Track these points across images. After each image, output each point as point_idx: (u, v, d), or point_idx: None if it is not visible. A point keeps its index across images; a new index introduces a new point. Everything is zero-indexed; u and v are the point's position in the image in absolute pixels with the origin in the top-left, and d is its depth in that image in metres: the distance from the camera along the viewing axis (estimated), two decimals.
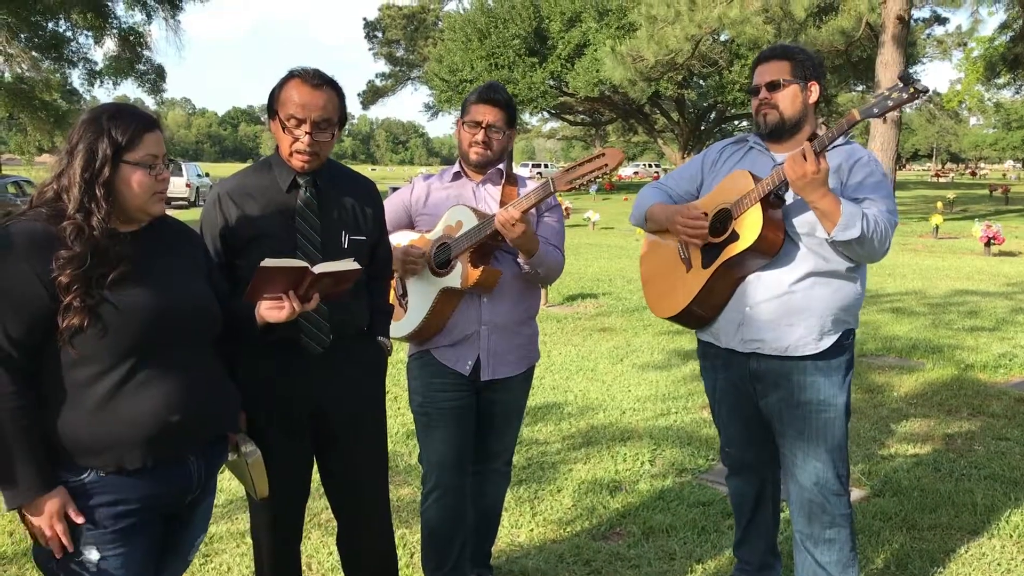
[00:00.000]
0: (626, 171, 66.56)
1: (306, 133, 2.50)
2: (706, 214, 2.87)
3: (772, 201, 2.75)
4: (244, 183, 2.65)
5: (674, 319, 3.03)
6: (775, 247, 2.77)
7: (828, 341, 2.82)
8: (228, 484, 4.32)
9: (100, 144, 1.98)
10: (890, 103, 2.59)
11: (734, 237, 2.78)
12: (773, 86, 2.84)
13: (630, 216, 3.24)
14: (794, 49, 2.92)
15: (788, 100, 2.84)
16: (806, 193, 2.63)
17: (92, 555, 2.02)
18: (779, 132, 2.88)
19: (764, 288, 2.83)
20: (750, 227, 2.74)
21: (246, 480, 2.49)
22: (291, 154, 2.55)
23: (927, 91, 2.55)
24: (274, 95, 2.57)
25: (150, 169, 2.04)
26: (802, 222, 2.78)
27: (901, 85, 2.55)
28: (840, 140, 2.73)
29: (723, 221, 2.84)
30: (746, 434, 3.09)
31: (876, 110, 2.60)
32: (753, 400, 2.98)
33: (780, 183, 2.70)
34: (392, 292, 3.16)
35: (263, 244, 2.52)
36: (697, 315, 2.97)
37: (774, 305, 2.81)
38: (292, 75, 2.54)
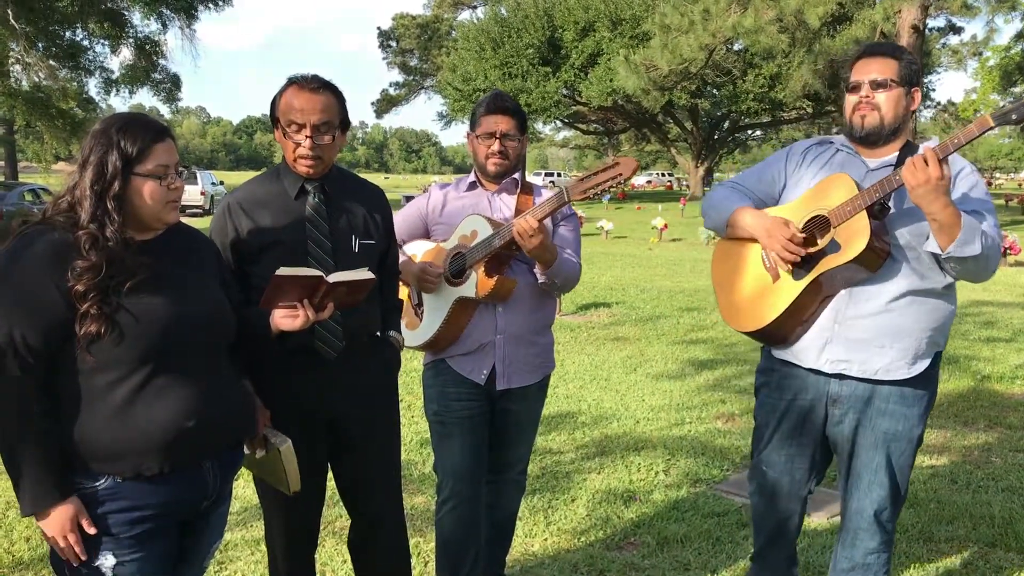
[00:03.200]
0: (639, 180, 66.56)
1: (307, 137, 2.51)
2: (804, 234, 2.61)
3: (877, 211, 2.52)
4: (253, 192, 2.66)
5: (754, 335, 2.81)
6: (880, 260, 2.55)
7: (921, 366, 2.64)
8: (243, 491, 4.33)
9: (110, 157, 1.99)
10: None
11: (834, 247, 2.54)
12: (878, 85, 2.60)
13: (705, 220, 2.99)
14: (903, 49, 2.67)
15: (891, 103, 2.60)
16: (927, 203, 2.35)
17: (108, 561, 2.03)
18: (875, 137, 2.64)
19: (856, 305, 2.61)
20: (855, 237, 2.50)
21: (277, 474, 2.48)
22: (295, 160, 2.57)
23: None
24: (275, 103, 2.59)
25: (161, 179, 2.04)
26: (903, 234, 2.57)
27: None
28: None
29: (819, 229, 2.61)
30: (795, 462, 2.87)
31: (1014, 116, 2.33)
32: (822, 425, 2.78)
33: (893, 190, 2.47)
34: (407, 301, 3.18)
35: (274, 252, 2.54)
36: (781, 331, 2.73)
37: (867, 324, 2.60)
38: (291, 82, 2.56)
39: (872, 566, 2.81)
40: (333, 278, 2.28)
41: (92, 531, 2.00)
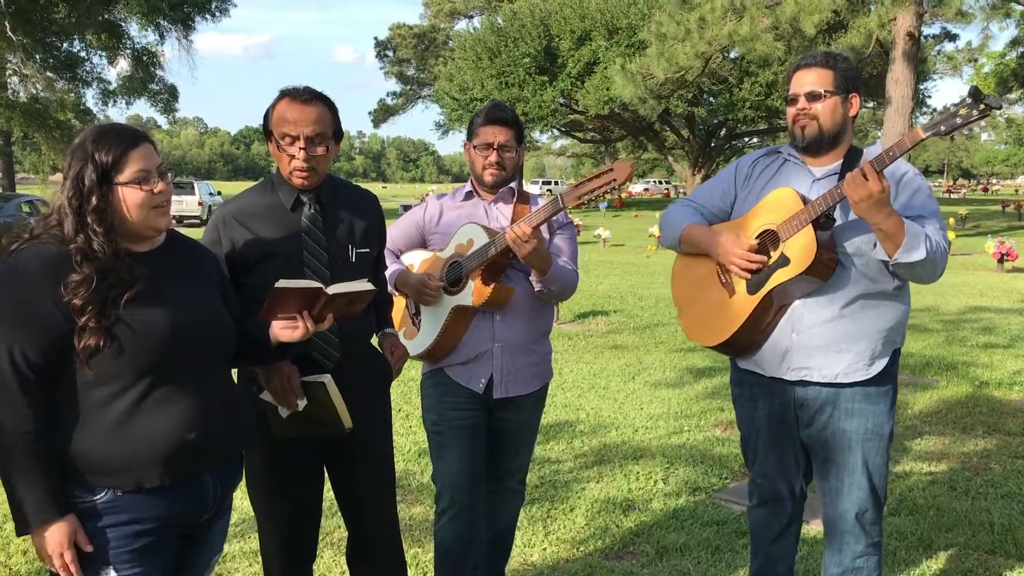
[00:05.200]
0: (636, 188, 66.66)
1: (300, 149, 2.51)
2: (759, 241, 2.70)
3: (823, 223, 2.61)
4: (247, 204, 2.66)
5: (717, 348, 2.87)
6: (830, 270, 2.63)
7: (879, 365, 2.72)
8: (241, 503, 4.32)
9: (86, 171, 1.98)
10: (958, 120, 2.39)
11: (784, 261, 2.63)
12: (813, 97, 2.68)
13: (660, 238, 3.07)
14: (837, 57, 2.75)
15: (828, 112, 2.68)
16: (870, 215, 2.46)
17: (108, 575, 2.02)
18: (817, 145, 2.73)
19: (812, 313, 2.69)
20: (803, 250, 2.59)
21: (327, 414, 2.51)
22: (290, 172, 2.57)
23: (999, 107, 2.37)
24: (267, 116, 2.59)
25: (143, 184, 2.02)
26: (851, 242, 2.65)
27: (970, 101, 2.37)
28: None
29: (770, 243, 2.69)
30: (782, 467, 2.93)
31: (943, 128, 2.41)
32: (795, 430, 2.85)
33: (836, 202, 2.55)
34: (405, 311, 3.18)
35: (270, 263, 2.54)
36: (742, 343, 2.81)
37: (824, 330, 2.68)
38: (282, 94, 2.56)
39: (863, 569, 2.82)
40: (332, 290, 2.28)
41: (88, 549, 1.99)
